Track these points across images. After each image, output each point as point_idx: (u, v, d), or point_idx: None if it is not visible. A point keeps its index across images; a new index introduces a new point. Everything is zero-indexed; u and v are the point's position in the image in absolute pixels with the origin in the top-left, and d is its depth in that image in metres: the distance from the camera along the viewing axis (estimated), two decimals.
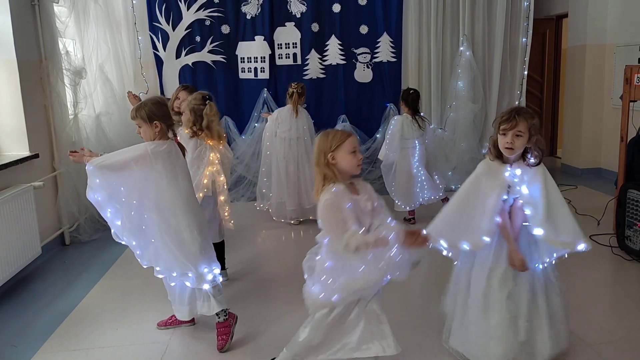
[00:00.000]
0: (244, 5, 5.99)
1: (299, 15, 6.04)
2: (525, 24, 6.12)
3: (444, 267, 2.69)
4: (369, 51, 6.15)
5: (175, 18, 5.96)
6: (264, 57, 6.07)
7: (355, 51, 6.14)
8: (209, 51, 6.05)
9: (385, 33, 6.10)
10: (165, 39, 6.00)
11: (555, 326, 2.35)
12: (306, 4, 6.00)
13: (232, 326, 2.73)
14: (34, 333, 2.95)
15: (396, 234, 1.95)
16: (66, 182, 4.42)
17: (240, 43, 6.08)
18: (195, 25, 5.99)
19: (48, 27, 4.20)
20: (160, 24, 5.95)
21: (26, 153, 3.95)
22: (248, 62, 6.11)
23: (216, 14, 5.98)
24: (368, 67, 6.19)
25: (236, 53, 6.10)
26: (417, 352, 2.62)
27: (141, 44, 5.91)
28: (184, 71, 6.08)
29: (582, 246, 2.19)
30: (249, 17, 6.02)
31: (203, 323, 2.97)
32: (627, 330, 2.76)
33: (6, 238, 3.37)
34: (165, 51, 6.02)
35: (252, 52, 6.07)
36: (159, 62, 6.06)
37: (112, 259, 4.07)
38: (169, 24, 5.97)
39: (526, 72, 6.24)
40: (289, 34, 6.08)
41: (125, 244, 2.70)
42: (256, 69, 6.11)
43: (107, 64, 5.28)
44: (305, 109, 5.01)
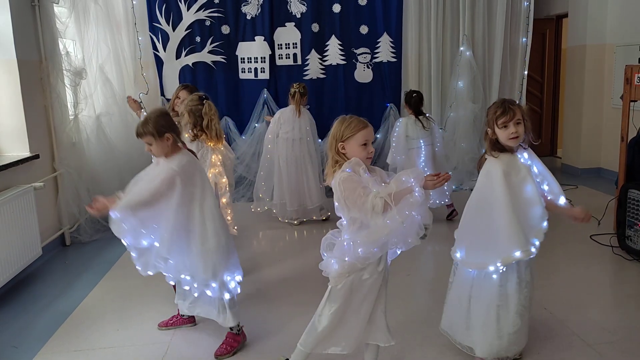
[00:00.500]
0: (244, 6, 5.98)
1: (299, 16, 6.04)
2: (525, 24, 6.12)
3: (443, 267, 2.69)
4: (369, 51, 6.15)
5: (175, 18, 5.96)
6: (264, 58, 6.07)
7: (356, 51, 6.14)
8: (209, 51, 6.05)
9: (385, 33, 6.10)
10: (166, 39, 5.99)
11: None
12: (306, 4, 6.00)
13: (239, 344, 2.69)
14: (35, 334, 2.95)
15: (417, 176, 1.96)
16: (66, 183, 4.42)
17: (240, 43, 6.07)
18: (196, 25, 5.99)
19: (48, 28, 4.20)
20: (160, 24, 5.95)
21: (26, 154, 3.95)
22: (248, 62, 6.11)
23: (216, 14, 5.97)
24: (368, 67, 6.19)
25: (236, 53, 6.10)
26: (419, 350, 2.62)
27: (141, 45, 5.90)
28: (184, 72, 6.07)
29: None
30: (249, 17, 6.02)
31: (204, 324, 2.97)
32: (628, 330, 2.76)
33: (7, 239, 3.37)
34: (165, 52, 6.02)
35: (252, 52, 6.07)
36: (159, 62, 6.05)
37: (113, 260, 4.06)
38: (169, 25, 5.97)
39: (526, 72, 6.24)
40: (289, 34, 6.08)
41: (166, 260, 2.57)
42: (256, 69, 6.11)
43: (107, 64, 5.28)
44: (308, 109, 5.00)
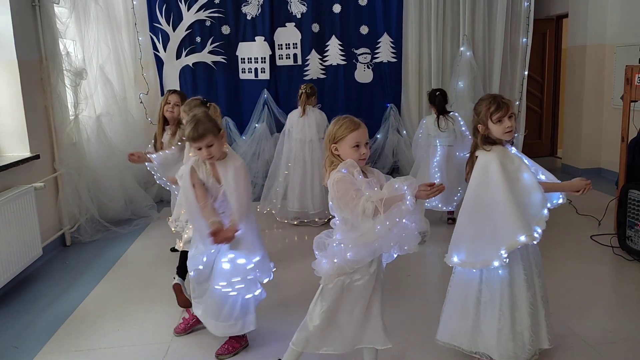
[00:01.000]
0: (244, 6, 5.98)
1: (299, 16, 6.04)
2: (525, 24, 6.12)
3: (444, 267, 2.68)
4: (369, 51, 6.15)
5: (175, 19, 5.95)
6: (265, 58, 6.07)
7: (356, 51, 6.14)
8: (210, 52, 6.05)
9: (385, 33, 6.11)
10: (166, 39, 5.99)
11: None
12: (306, 5, 6.00)
13: (241, 347, 2.68)
14: (35, 334, 2.95)
15: (409, 184, 1.95)
16: (67, 183, 4.41)
17: (240, 44, 6.07)
18: (196, 25, 5.98)
19: (48, 28, 4.20)
20: (160, 24, 5.95)
21: (27, 154, 3.95)
22: (248, 62, 6.11)
23: (216, 14, 5.97)
24: (368, 68, 6.19)
25: (236, 54, 6.10)
26: (419, 350, 2.62)
27: (141, 45, 5.90)
28: (185, 72, 6.07)
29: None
30: (249, 17, 6.02)
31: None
32: (629, 331, 2.76)
33: (7, 239, 3.37)
34: (165, 52, 6.02)
35: (252, 52, 6.07)
36: (159, 62, 6.05)
37: (113, 260, 4.06)
38: (169, 25, 5.97)
39: (526, 72, 6.24)
40: (289, 35, 6.08)
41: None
42: (256, 69, 6.11)
43: (108, 64, 5.28)
44: (320, 109, 4.97)
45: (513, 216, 2.20)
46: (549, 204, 2.39)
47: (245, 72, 6.14)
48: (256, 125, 6.11)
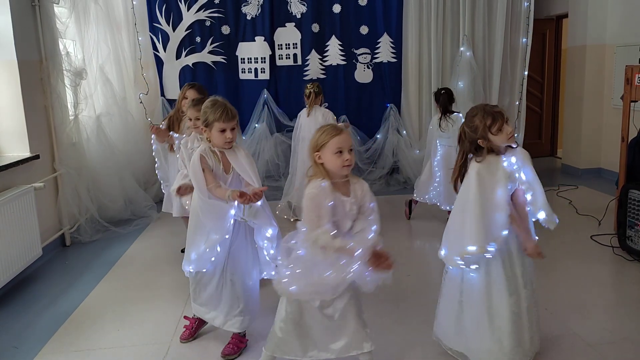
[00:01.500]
0: (244, 6, 5.99)
1: (299, 16, 6.05)
2: (525, 24, 6.12)
3: (443, 267, 2.68)
4: (369, 51, 6.16)
5: (175, 19, 5.96)
6: (264, 58, 6.07)
7: (356, 51, 6.15)
8: (209, 52, 6.05)
9: (385, 33, 6.11)
10: (166, 39, 6.00)
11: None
12: (306, 5, 6.00)
13: (245, 345, 2.68)
14: (35, 334, 2.94)
15: (364, 251, 1.95)
16: (67, 183, 4.41)
17: (240, 44, 6.08)
18: (196, 25, 5.99)
19: (48, 28, 4.20)
20: (160, 24, 5.95)
21: (27, 154, 3.94)
22: (248, 62, 6.11)
23: (216, 14, 5.98)
24: (368, 68, 6.19)
25: (236, 54, 6.10)
26: (419, 350, 2.62)
27: (141, 45, 5.90)
28: (184, 72, 6.08)
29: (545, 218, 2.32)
30: (249, 17, 6.02)
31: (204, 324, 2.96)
32: (629, 331, 2.76)
33: (7, 239, 3.36)
34: (165, 52, 6.02)
35: (252, 52, 6.07)
36: (159, 62, 6.06)
37: (113, 260, 4.06)
38: (169, 25, 5.97)
39: (526, 73, 6.24)
40: (289, 35, 6.08)
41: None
42: (256, 69, 6.11)
43: (108, 64, 5.28)
44: (327, 107, 4.95)
45: (474, 226, 2.23)
46: (533, 217, 2.36)
47: (245, 72, 6.14)
48: (256, 125, 6.11)
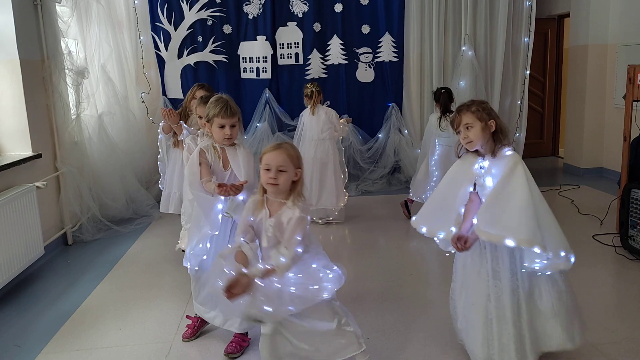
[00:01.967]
0: (245, 5, 5.99)
1: (300, 15, 6.04)
2: (527, 24, 6.12)
3: (445, 267, 2.68)
4: (370, 51, 6.15)
5: (177, 18, 5.96)
6: (266, 57, 6.07)
7: (357, 51, 6.14)
8: (211, 51, 6.05)
9: (387, 33, 6.10)
10: (167, 38, 6.00)
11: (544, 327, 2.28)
12: (308, 4, 6.00)
13: (248, 344, 2.69)
14: (37, 333, 2.95)
15: (262, 271, 1.97)
16: (69, 182, 4.42)
17: (242, 43, 6.08)
18: (197, 25, 5.99)
19: (50, 27, 4.20)
20: (162, 23, 5.95)
21: (29, 153, 3.95)
22: (250, 62, 6.11)
23: (218, 13, 5.98)
24: (370, 67, 6.19)
25: (238, 53, 6.10)
26: (422, 349, 2.62)
27: (143, 44, 5.91)
28: (186, 71, 6.08)
29: (510, 242, 2.07)
30: (250, 17, 6.02)
31: (205, 324, 2.96)
32: (631, 330, 2.75)
33: (9, 238, 3.37)
34: (167, 51, 6.02)
35: (254, 52, 6.07)
36: (160, 62, 6.06)
37: (115, 259, 4.07)
38: (170, 24, 5.97)
39: (528, 72, 6.23)
40: (290, 34, 6.08)
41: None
42: (258, 68, 6.11)
43: (109, 63, 5.28)
44: (329, 106, 4.93)
45: (428, 208, 2.40)
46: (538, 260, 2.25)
47: (246, 72, 6.14)
48: (257, 124, 6.11)
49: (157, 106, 6.03)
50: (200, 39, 6.02)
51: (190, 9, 5.95)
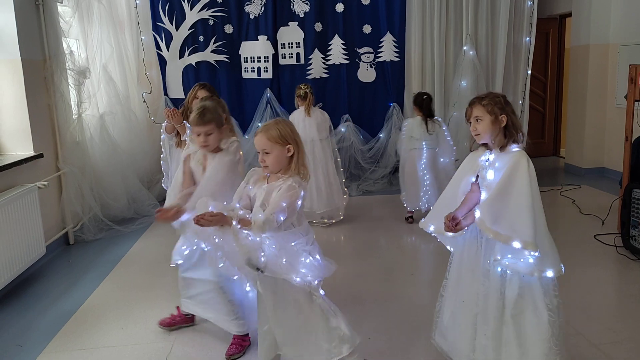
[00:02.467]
0: (247, 5, 5.99)
1: (302, 15, 6.04)
2: (528, 24, 6.11)
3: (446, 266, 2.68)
4: (372, 51, 6.15)
5: (178, 18, 5.96)
6: (267, 57, 6.07)
7: (359, 51, 6.14)
8: (212, 51, 6.06)
9: (388, 33, 6.10)
10: (169, 38, 6.00)
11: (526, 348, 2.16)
12: (309, 4, 6.00)
13: (249, 344, 2.69)
14: (39, 333, 2.95)
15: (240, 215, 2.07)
16: (70, 182, 4.42)
17: (243, 43, 6.08)
18: (199, 24, 5.99)
19: (52, 27, 4.21)
20: (163, 23, 5.96)
21: (30, 153, 3.96)
22: (251, 61, 6.11)
23: (219, 13, 5.98)
24: (371, 67, 6.19)
25: (239, 53, 6.10)
26: (422, 349, 2.62)
27: (144, 44, 5.91)
28: (187, 71, 6.08)
29: (517, 244, 2.01)
30: (252, 16, 6.02)
31: (207, 323, 2.96)
32: (633, 330, 2.75)
33: (11, 238, 3.37)
34: (168, 51, 6.02)
35: (255, 51, 6.08)
36: (162, 61, 6.06)
37: (117, 259, 4.07)
38: (172, 24, 5.97)
39: (529, 72, 6.23)
40: (292, 34, 6.08)
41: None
42: (259, 68, 6.12)
43: (111, 63, 5.29)
44: (321, 107, 4.93)
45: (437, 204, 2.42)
46: (510, 255, 2.16)
47: (248, 71, 6.14)
48: (259, 124, 6.10)
49: (158, 106, 6.03)
50: (201, 38, 6.02)
51: (191, 9, 5.95)
